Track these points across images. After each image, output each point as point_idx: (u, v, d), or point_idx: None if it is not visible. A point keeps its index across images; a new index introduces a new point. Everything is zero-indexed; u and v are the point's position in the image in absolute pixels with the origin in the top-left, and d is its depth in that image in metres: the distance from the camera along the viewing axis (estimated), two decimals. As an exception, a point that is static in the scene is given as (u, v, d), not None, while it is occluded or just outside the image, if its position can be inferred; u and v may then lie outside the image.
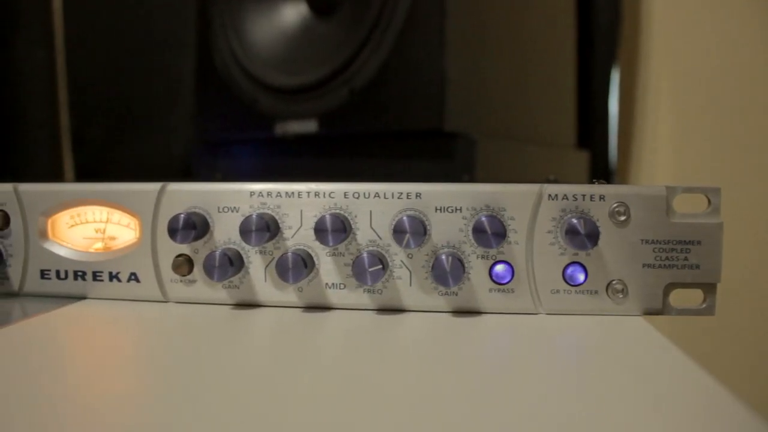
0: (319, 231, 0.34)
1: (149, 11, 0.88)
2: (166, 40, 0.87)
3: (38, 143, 0.88)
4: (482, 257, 0.35)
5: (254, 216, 0.34)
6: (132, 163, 0.88)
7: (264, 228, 0.34)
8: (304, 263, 0.34)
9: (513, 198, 0.34)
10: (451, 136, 0.59)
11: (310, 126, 0.65)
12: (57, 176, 0.90)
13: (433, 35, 0.58)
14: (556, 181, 0.45)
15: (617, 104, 0.81)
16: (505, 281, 0.35)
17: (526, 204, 0.34)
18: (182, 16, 0.86)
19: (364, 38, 0.61)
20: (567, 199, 0.34)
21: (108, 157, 0.89)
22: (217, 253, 0.35)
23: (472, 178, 0.56)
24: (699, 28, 0.80)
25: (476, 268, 0.34)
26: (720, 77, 0.79)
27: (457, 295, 0.35)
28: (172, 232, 0.35)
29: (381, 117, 0.61)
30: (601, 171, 0.79)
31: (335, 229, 0.33)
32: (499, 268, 0.35)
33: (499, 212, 0.34)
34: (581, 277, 0.34)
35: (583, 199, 0.34)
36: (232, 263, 0.35)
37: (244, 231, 0.34)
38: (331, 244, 0.33)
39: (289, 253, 0.34)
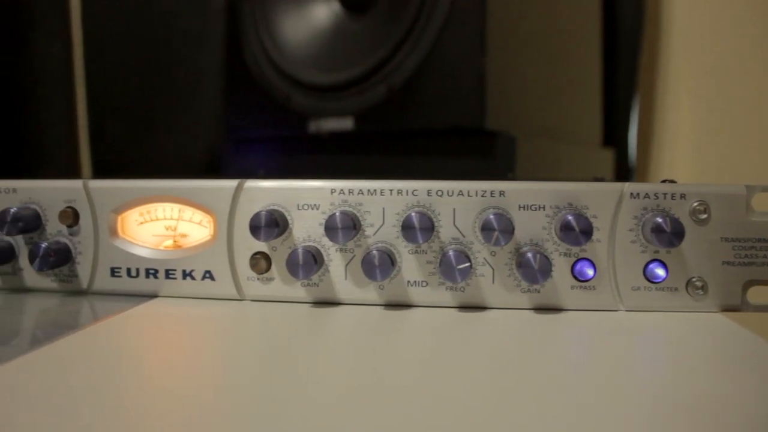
0: (407, 228, 0.34)
1: (169, 5, 0.87)
2: (187, 34, 0.86)
3: (55, 139, 0.87)
4: (564, 255, 0.35)
5: (338, 213, 0.34)
6: (152, 160, 0.87)
7: (350, 226, 0.34)
8: (391, 261, 0.34)
9: (595, 196, 0.34)
10: (491, 135, 0.59)
11: (345, 123, 0.65)
12: (74, 173, 0.89)
13: (474, 32, 0.58)
14: (602, 179, 0.45)
15: (638, 103, 0.82)
16: (587, 278, 0.35)
17: (608, 202, 0.34)
18: (204, 10, 0.85)
19: (403, 35, 0.61)
20: (648, 197, 0.34)
21: (127, 154, 0.88)
22: (300, 250, 0.35)
23: (515, 177, 0.57)
24: (719, 27, 0.81)
25: (559, 265, 0.35)
26: (739, 76, 0.80)
27: (539, 292, 0.35)
28: (255, 229, 0.35)
29: (419, 115, 0.62)
30: (624, 169, 0.80)
31: (423, 227, 0.34)
32: (581, 265, 0.35)
33: (582, 210, 0.34)
34: (662, 274, 0.35)
35: (665, 198, 0.34)
36: (316, 261, 0.35)
37: (330, 228, 0.34)
38: (420, 241, 0.33)
39: (375, 251, 0.34)
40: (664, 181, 0.36)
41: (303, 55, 0.68)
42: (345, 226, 0.34)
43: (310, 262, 0.34)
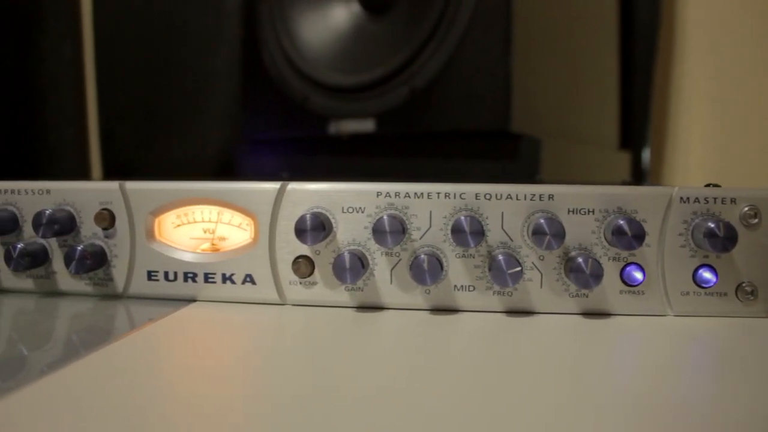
0: (457, 232, 0.33)
1: (181, 5, 0.86)
2: (200, 35, 0.85)
3: (64, 141, 0.86)
4: (613, 259, 0.34)
5: (386, 217, 0.34)
6: (163, 162, 0.86)
7: (399, 229, 0.33)
8: (440, 265, 0.33)
9: (645, 200, 0.34)
10: (516, 137, 0.59)
11: (367, 125, 0.64)
12: (84, 175, 0.88)
13: (499, 33, 0.58)
14: (629, 183, 0.45)
15: (652, 105, 0.82)
16: (636, 283, 0.34)
17: (658, 206, 0.34)
18: (217, 9, 0.84)
19: (427, 36, 0.61)
20: (698, 201, 0.34)
21: (138, 156, 0.87)
22: (347, 254, 0.34)
23: (543, 180, 0.56)
24: (733, 29, 0.81)
25: (608, 270, 0.34)
26: (754, 78, 0.81)
27: (587, 297, 0.35)
28: (301, 232, 0.34)
29: (442, 117, 0.61)
30: (640, 172, 0.80)
31: (474, 230, 0.33)
32: (631, 270, 0.34)
33: (631, 214, 0.34)
34: (712, 279, 0.34)
35: (715, 202, 0.34)
36: (363, 265, 0.34)
37: (379, 231, 0.33)
38: (471, 245, 0.33)
39: (424, 255, 0.33)
40: (708, 185, 0.36)
41: (322, 56, 0.67)
42: (394, 230, 0.33)
43: (357, 266, 0.34)
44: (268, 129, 0.72)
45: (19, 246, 0.37)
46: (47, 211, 0.37)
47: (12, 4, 0.81)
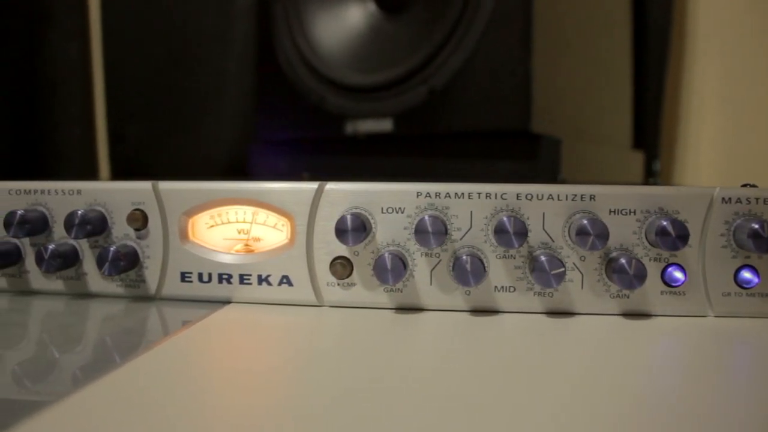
0: (500, 233, 0.33)
1: (191, 3, 0.85)
2: (210, 34, 0.85)
3: (72, 140, 0.85)
4: (655, 260, 0.34)
5: (428, 217, 0.33)
6: (173, 162, 0.85)
7: (441, 230, 0.33)
8: (483, 266, 0.33)
9: (687, 201, 0.34)
10: (536, 137, 0.59)
11: (384, 125, 0.64)
12: (92, 175, 0.87)
13: (519, 32, 0.58)
14: (656, 183, 0.45)
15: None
16: (677, 284, 0.34)
17: (699, 207, 0.34)
18: (227, 9, 0.84)
19: (445, 36, 0.60)
20: (740, 202, 0.34)
21: (146, 156, 0.87)
22: (388, 255, 0.34)
23: (565, 179, 0.56)
24: (744, 29, 0.81)
25: (649, 270, 0.34)
26: (765, 79, 0.81)
27: (628, 297, 0.34)
28: (341, 233, 0.34)
29: (462, 117, 0.61)
30: (650, 172, 0.80)
31: (518, 231, 0.33)
32: (672, 270, 0.34)
33: (673, 215, 0.34)
34: (753, 279, 0.34)
35: (756, 203, 0.34)
36: (405, 266, 0.34)
37: (421, 232, 0.33)
38: (515, 245, 0.33)
39: (466, 255, 0.33)
40: (744, 185, 0.36)
41: (338, 56, 0.67)
42: (436, 230, 0.33)
43: (399, 267, 0.33)
44: (283, 129, 0.72)
45: (50, 247, 0.37)
46: (79, 212, 0.36)
47: (20, 4, 0.80)
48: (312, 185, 0.36)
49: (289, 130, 0.71)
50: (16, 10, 0.79)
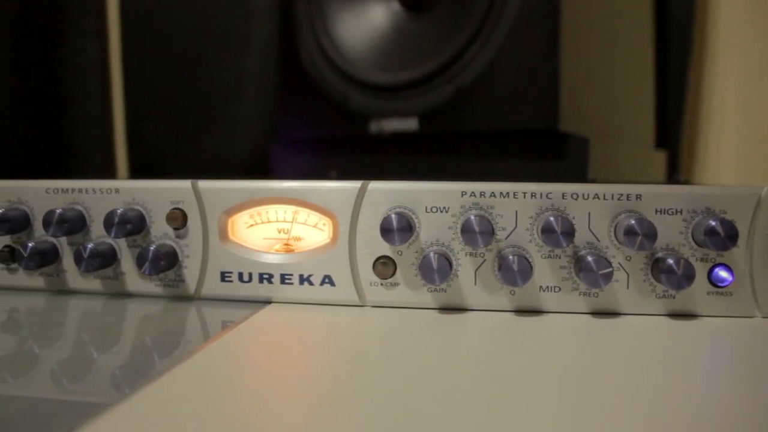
0: (547, 232, 0.33)
1: (210, 2, 0.85)
2: (229, 32, 0.84)
3: (91, 140, 0.85)
4: (701, 260, 0.34)
5: (474, 217, 0.33)
6: (192, 162, 0.85)
7: (489, 230, 0.33)
8: (530, 265, 0.33)
9: (734, 201, 0.34)
10: (564, 136, 0.58)
11: (410, 124, 0.63)
12: (110, 174, 0.87)
13: (547, 31, 0.57)
14: (686, 182, 0.44)
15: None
16: (724, 284, 0.34)
17: (746, 207, 0.34)
18: (246, 7, 0.83)
19: (472, 34, 0.60)
20: (788, 201, 0.34)
21: (165, 155, 0.86)
22: (434, 255, 0.33)
23: (595, 179, 0.56)
24: (765, 27, 0.81)
25: (696, 271, 0.34)
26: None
27: (674, 298, 0.34)
28: (387, 232, 0.33)
29: (488, 115, 0.61)
30: (672, 171, 0.80)
31: (565, 231, 0.32)
32: (719, 270, 0.34)
33: (720, 215, 0.34)
34: (801, 280, 0.34)
35: (804, 202, 0.33)
36: (450, 266, 0.33)
37: (468, 232, 0.33)
38: (563, 245, 0.32)
39: (513, 255, 0.33)
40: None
41: (362, 55, 0.66)
42: (483, 230, 0.33)
43: (445, 266, 0.33)
44: (305, 128, 0.71)
45: (89, 246, 0.36)
46: (119, 211, 0.36)
47: (39, 4, 0.80)
48: (355, 184, 0.35)
49: (312, 129, 0.71)
50: (35, 10, 0.79)
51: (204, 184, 0.37)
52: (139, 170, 0.86)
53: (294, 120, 0.72)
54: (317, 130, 0.70)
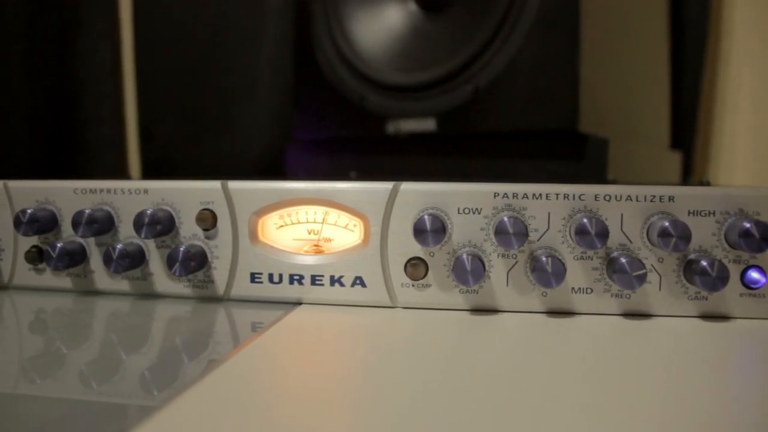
0: (581, 234, 0.33)
1: (223, 2, 0.85)
2: (241, 32, 0.84)
3: (103, 140, 0.85)
4: (734, 262, 0.34)
5: (507, 218, 0.33)
6: (204, 161, 0.85)
7: (522, 231, 0.33)
8: (564, 267, 0.33)
9: (767, 202, 0.34)
10: (583, 137, 0.58)
11: (427, 124, 0.63)
12: (122, 174, 0.87)
13: (567, 31, 0.57)
14: (708, 184, 0.44)
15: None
16: (757, 286, 0.34)
17: (779, 208, 0.34)
18: (260, 7, 0.83)
19: (491, 35, 0.60)
20: (821, 203, 0.33)
21: (177, 155, 0.86)
22: (467, 256, 0.33)
23: (616, 180, 0.56)
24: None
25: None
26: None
27: (707, 300, 0.34)
28: (420, 233, 0.33)
29: (507, 116, 0.60)
30: (685, 172, 0.80)
31: (599, 232, 0.32)
32: (752, 272, 0.34)
33: (753, 216, 0.34)
34: (833, 282, 0.34)
35: (837, 204, 0.33)
36: (484, 267, 0.33)
37: (501, 233, 0.33)
38: (598, 246, 0.32)
39: (546, 257, 0.33)
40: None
41: (379, 55, 0.66)
42: (517, 231, 0.33)
43: (479, 267, 0.33)
44: (321, 129, 0.71)
45: (119, 247, 0.36)
46: (149, 211, 0.36)
47: (51, 4, 0.80)
48: (386, 185, 0.35)
49: (328, 130, 0.71)
50: (47, 10, 0.79)
51: (234, 185, 0.37)
52: (151, 170, 0.86)
53: (309, 120, 0.72)
54: (333, 131, 0.70)
